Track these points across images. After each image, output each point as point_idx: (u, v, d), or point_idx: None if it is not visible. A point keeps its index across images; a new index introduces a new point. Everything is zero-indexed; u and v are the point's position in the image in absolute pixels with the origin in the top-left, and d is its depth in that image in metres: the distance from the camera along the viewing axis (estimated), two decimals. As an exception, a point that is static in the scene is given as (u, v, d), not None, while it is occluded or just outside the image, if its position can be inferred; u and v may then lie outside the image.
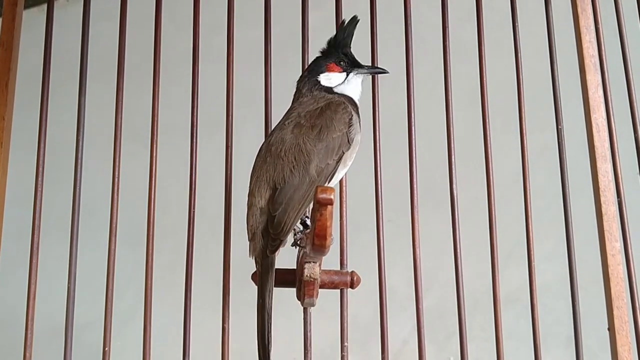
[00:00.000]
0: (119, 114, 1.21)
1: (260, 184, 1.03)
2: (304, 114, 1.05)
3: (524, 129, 1.22)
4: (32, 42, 1.24)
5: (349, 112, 1.05)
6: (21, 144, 1.33)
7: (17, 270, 1.15)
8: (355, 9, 1.36)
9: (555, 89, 1.25)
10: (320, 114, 1.04)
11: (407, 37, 1.23)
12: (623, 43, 1.27)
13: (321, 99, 1.08)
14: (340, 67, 1.11)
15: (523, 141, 1.22)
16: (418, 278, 1.14)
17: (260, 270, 1.02)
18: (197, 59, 1.23)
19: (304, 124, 1.04)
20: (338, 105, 1.05)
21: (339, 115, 1.04)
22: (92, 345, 1.12)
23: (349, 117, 1.05)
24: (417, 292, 1.13)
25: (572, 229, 1.19)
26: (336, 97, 1.08)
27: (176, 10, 1.38)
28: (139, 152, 1.20)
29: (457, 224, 1.16)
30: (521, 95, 1.24)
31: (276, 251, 1.01)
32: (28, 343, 1.11)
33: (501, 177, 1.24)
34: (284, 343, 1.28)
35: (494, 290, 1.15)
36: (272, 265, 1.01)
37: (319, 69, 1.11)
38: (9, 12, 1.24)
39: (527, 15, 1.36)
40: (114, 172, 1.18)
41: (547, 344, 1.56)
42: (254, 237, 1.03)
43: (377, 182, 1.18)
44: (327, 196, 0.85)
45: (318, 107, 1.06)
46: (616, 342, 1.14)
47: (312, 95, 1.10)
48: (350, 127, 1.04)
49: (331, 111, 1.05)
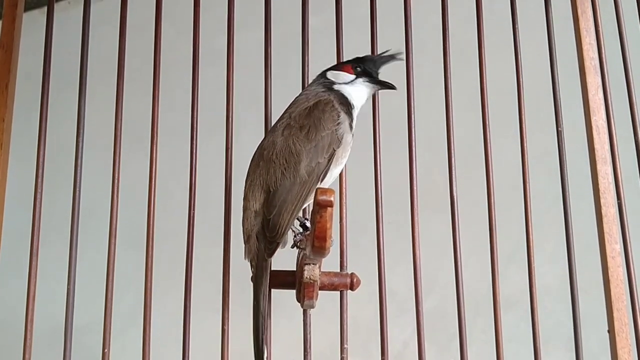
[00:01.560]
0: (119, 115, 1.21)
1: (254, 187, 1.04)
2: (294, 115, 1.07)
3: (524, 131, 1.22)
4: (34, 44, 1.24)
5: (336, 110, 1.06)
6: (22, 146, 1.33)
7: (19, 271, 1.15)
8: (356, 11, 1.37)
9: (555, 91, 1.25)
10: (309, 114, 1.06)
11: (407, 39, 1.23)
12: (623, 45, 1.27)
13: (313, 96, 1.09)
14: (354, 71, 1.13)
15: (523, 143, 1.22)
16: (418, 280, 1.14)
17: (255, 272, 1.03)
18: (197, 61, 1.23)
19: (293, 125, 1.05)
20: (326, 104, 1.07)
21: (327, 115, 1.05)
22: (93, 346, 1.12)
23: (337, 115, 1.06)
24: (417, 294, 1.13)
25: (572, 231, 1.19)
26: (326, 95, 1.09)
27: (177, 13, 1.38)
28: (141, 154, 1.20)
29: (456, 226, 1.16)
30: (521, 97, 1.24)
31: (273, 254, 1.02)
32: (27, 344, 1.11)
33: (503, 179, 1.24)
34: (284, 345, 1.28)
35: (493, 294, 1.15)
36: (266, 268, 1.02)
37: (334, 67, 1.14)
38: (9, 13, 1.24)
39: (527, 17, 1.36)
40: (113, 174, 1.18)
41: (548, 346, 1.56)
42: (249, 240, 1.04)
43: (377, 184, 1.18)
44: (327, 198, 0.85)
45: (307, 107, 1.07)
46: (616, 344, 1.14)
47: (310, 90, 1.11)
48: (337, 124, 1.05)
49: (319, 110, 1.06)
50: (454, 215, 1.16)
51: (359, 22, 1.26)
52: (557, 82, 1.26)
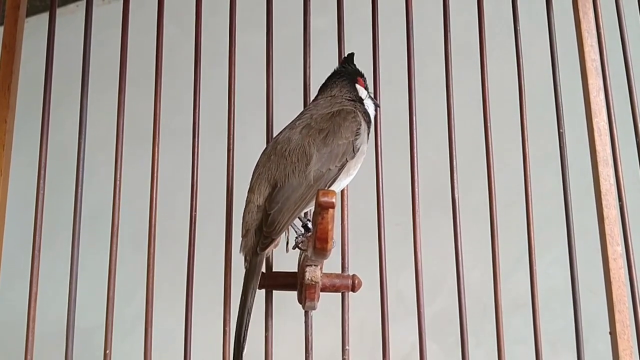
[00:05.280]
0: (121, 117, 1.21)
1: (261, 181, 1.04)
2: (316, 116, 1.07)
3: (525, 133, 1.22)
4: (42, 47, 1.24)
5: (358, 121, 1.07)
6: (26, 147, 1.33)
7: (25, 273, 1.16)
8: (358, 13, 1.37)
9: (556, 92, 1.25)
10: (330, 119, 1.06)
11: (409, 42, 1.23)
12: (625, 47, 1.27)
13: (337, 104, 1.09)
14: (365, 86, 1.14)
15: (524, 145, 1.22)
16: (419, 282, 1.14)
17: (248, 267, 1.03)
18: (198, 63, 1.24)
19: (313, 126, 1.05)
20: (348, 114, 1.07)
21: (347, 123, 1.06)
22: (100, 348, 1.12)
23: (357, 127, 1.06)
24: (419, 296, 1.13)
25: (573, 233, 1.19)
26: (350, 106, 1.09)
27: (184, 15, 1.38)
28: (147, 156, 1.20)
29: (458, 228, 1.16)
30: (522, 98, 1.24)
31: (266, 249, 1.02)
32: (29, 346, 1.11)
33: (512, 181, 1.24)
34: (286, 346, 1.28)
35: (495, 297, 1.14)
36: (259, 264, 1.02)
37: (354, 76, 1.13)
38: (11, 15, 1.24)
39: (529, 20, 1.36)
40: (115, 176, 1.18)
41: (557, 348, 1.56)
42: (247, 234, 1.04)
43: (378, 186, 1.18)
44: (329, 199, 0.85)
45: (330, 112, 1.07)
46: (618, 346, 1.14)
47: (333, 97, 1.11)
48: (357, 136, 1.05)
49: (340, 118, 1.06)
50: (455, 218, 1.16)
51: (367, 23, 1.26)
52: (558, 84, 1.26)
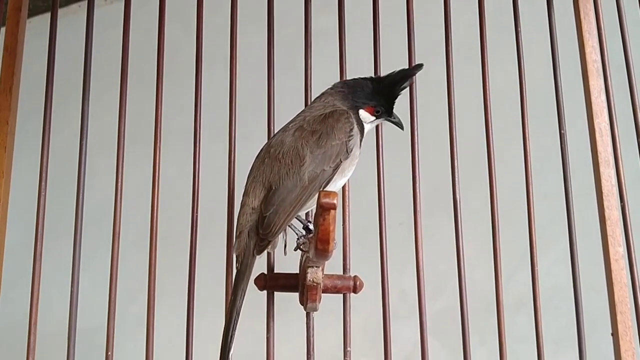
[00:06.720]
0: (122, 118, 1.21)
1: (256, 184, 1.05)
2: (309, 119, 1.07)
3: (526, 133, 1.22)
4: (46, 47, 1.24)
5: (350, 122, 1.07)
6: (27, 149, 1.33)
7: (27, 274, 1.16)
8: (359, 14, 1.37)
9: (557, 93, 1.25)
10: (323, 121, 1.06)
11: (410, 43, 1.24)
12: (626, 47, 1.27)
13: (330, 106, 1.09)
14: (375, 114, 1.11)
15: (526, 144, 1.22)
16: (421, 281, 1.14)
17: (239, 268, 1.03)
18: (199, 64, 1.24)
19: (305, 127, 1.06)
20: (341, 115, 1.07)
21: (340, 124, 1.06)
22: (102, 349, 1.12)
23: (350, 128, 1.06)
24: (420, 295, 1.13)
25: (574, 232, 1.19)
26: (343, 106, 1.09)
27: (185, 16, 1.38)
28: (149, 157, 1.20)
29: (459, 227, 1.16)
30: (524, 99, 1.24)
31: (263, 252, 1.02)
32: (31, 347, 1.11)
33: (515, 181, 1.24)
34: (287, 348, 1.28)
35: (496, 295, 1.14)
36: (251, 266, 1.03)
37: (361, 102, 1.10)
38: (13, 16, 1.24)
39: (530, 20, 1.36)
40: (117, 178, 1.18)
41: (560, 346, 1.56)
42: (240, 235, 1.04)
43: (379, 186, 1.18)
44: (330, 201, 0.86)
45: (322, 114, 1.08)
46: (620, 347, 1.14)
47: (329, 100, 1.10)
48: (349, 137, 1.06)
49: (333, 119, 1.06)
50: (457, 216, 1.16)
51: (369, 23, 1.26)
52: (559, 84, 1.26)
